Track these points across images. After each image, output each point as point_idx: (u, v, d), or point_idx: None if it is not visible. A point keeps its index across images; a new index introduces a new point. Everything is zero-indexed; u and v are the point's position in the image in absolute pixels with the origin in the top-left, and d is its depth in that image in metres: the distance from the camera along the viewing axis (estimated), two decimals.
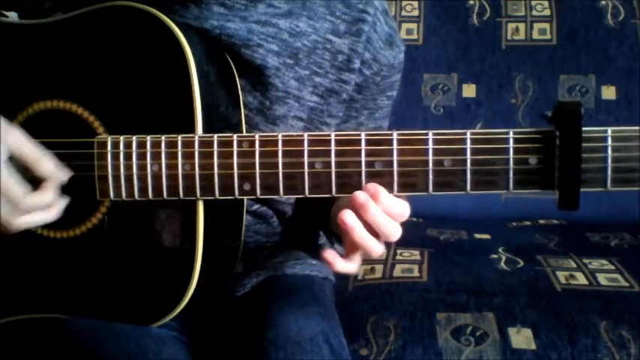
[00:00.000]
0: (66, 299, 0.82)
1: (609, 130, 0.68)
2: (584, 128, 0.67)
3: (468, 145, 0.71)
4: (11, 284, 0.84)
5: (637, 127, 0.68)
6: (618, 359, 0.99)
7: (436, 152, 0.71)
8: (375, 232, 0.73)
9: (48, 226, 0.81)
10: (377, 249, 0.74)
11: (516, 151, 0.70)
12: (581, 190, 0.68)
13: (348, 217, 0.72)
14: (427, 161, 0.71)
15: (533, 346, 1.00)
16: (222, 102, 0.83)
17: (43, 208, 0.76)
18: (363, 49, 0.90)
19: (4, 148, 0.73)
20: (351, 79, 0.91)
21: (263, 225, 0.97)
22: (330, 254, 0.75)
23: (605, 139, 0.68)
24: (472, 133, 0.71)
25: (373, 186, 0.72)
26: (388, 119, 1.02)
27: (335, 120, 0.94)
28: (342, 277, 1.15)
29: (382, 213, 0.72)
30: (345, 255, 0.77)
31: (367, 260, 1.23)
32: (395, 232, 0.74)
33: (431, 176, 0.72)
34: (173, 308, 0.78)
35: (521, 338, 1.01)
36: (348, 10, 0.90)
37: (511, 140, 0.70)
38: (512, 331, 1.02)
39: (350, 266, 0.77)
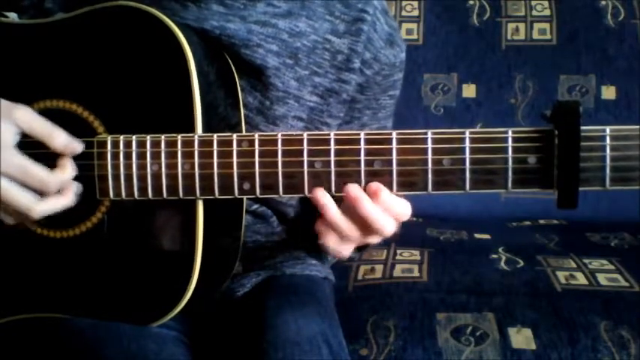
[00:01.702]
0: (66, 299, 0.82)
1: (608, 129, 0.68)
2: (582, 127, 0.67)
3: (467, 145, 0.71)
4: (11, 284, 0.84)
5: (636, 127, 0.68)
6: (618, 359, 0.99)
7: (435, 151, 0.71)
8: (368, 227, 0.74)
9: (47, 226, 0.81)
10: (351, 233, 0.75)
11: (515, 150, 0.70)
12: (580, 189, 0.68)
13: (320, 194, 0.73)
14: (426, 160, 0.71)
15: (533, 346, 1.00)
16: (222, 102, 0.83)
17: (68, 185, 0.76)
18: (363, 49, 0.90)
19: (13, 128, 0.73)
20: (351, 78, 0.91)
21: (262, 225, 0.97)
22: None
23: (603, 138, 0.68)
24: (471, 133, 0.71)
25: (375, 185, 0.73)
26: (392, 119, 1.02)
27: (336, 120, 0.94)
28: (342, 277, 1.15)
29: (377, 208, 0.73)
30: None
31: (367, 260, 1.24)
32: (388, 227, 0.74)
33: (430, 175, 0.72)
34: (173, 308, 0.78)
35: (521, 338, 1.01)
36: (347, 9, 0.90)
37: (510, 139, 0.70)
38: (512, 331, 1.02)
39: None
